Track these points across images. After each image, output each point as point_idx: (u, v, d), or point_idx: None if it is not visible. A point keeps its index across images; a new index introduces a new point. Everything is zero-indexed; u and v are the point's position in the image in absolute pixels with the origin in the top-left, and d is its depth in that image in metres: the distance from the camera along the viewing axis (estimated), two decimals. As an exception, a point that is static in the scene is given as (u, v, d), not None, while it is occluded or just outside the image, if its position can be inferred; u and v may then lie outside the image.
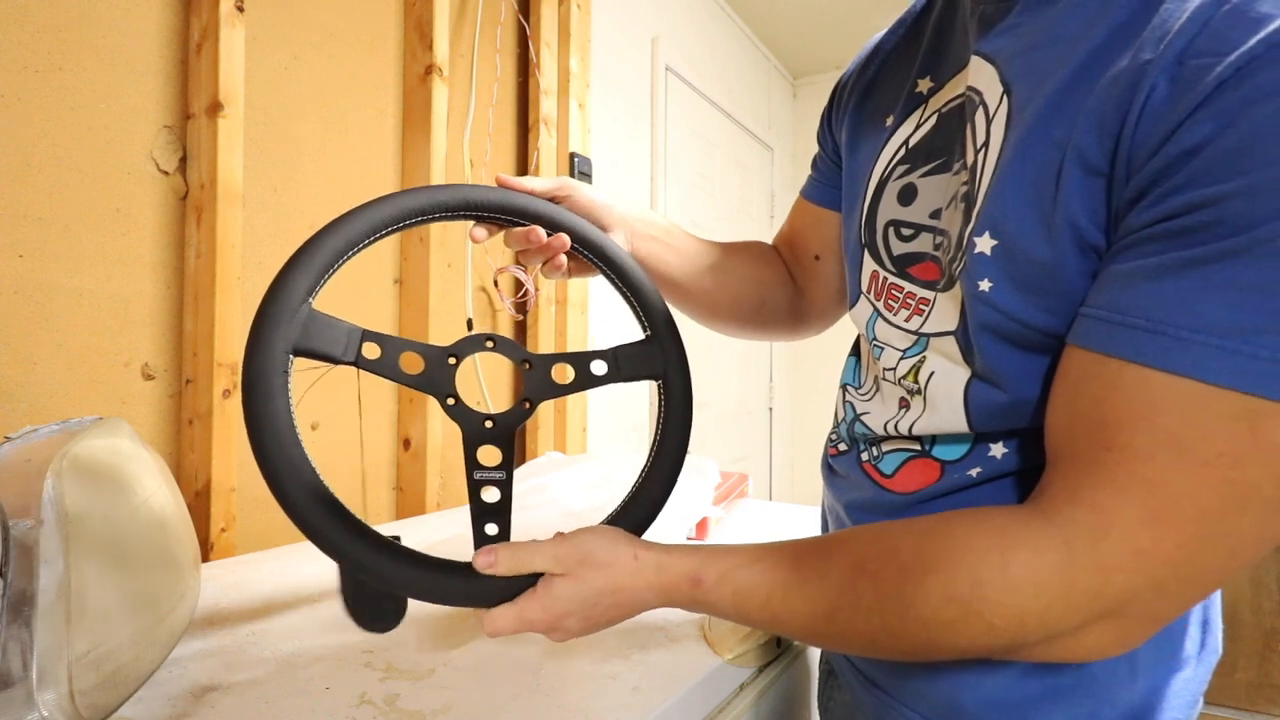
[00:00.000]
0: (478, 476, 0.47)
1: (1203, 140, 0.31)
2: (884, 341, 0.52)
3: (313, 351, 0.44)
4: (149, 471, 0.54)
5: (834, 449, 0.60)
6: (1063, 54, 0.39)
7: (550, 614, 0.43)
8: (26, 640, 0.40)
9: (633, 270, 0.58)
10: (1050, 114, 0.38)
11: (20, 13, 0.77)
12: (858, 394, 0.57)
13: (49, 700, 0.40)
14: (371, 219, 0.49)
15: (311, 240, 0.47)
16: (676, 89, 2.14)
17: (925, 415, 0.48)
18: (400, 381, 0.46)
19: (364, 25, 1.16)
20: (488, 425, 0.48)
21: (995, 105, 0.42)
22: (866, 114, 0.59)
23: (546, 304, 1.46)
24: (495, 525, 0.47)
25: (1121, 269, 0.34)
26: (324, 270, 0.46)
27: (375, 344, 0.46)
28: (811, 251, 0.71)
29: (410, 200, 0.50)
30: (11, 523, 0.42)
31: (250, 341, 0.43)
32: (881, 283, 0.53)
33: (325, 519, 0.41)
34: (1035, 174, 0.38)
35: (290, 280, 0.45)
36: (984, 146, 0.42)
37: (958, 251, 0.44)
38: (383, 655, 0.57)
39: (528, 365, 0.50)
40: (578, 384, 0.52)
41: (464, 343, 0.49)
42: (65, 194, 0.81)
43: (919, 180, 0.51)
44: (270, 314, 0.43)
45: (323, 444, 1.09)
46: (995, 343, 0.42)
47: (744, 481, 1.28)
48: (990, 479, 0.46)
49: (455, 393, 0.47)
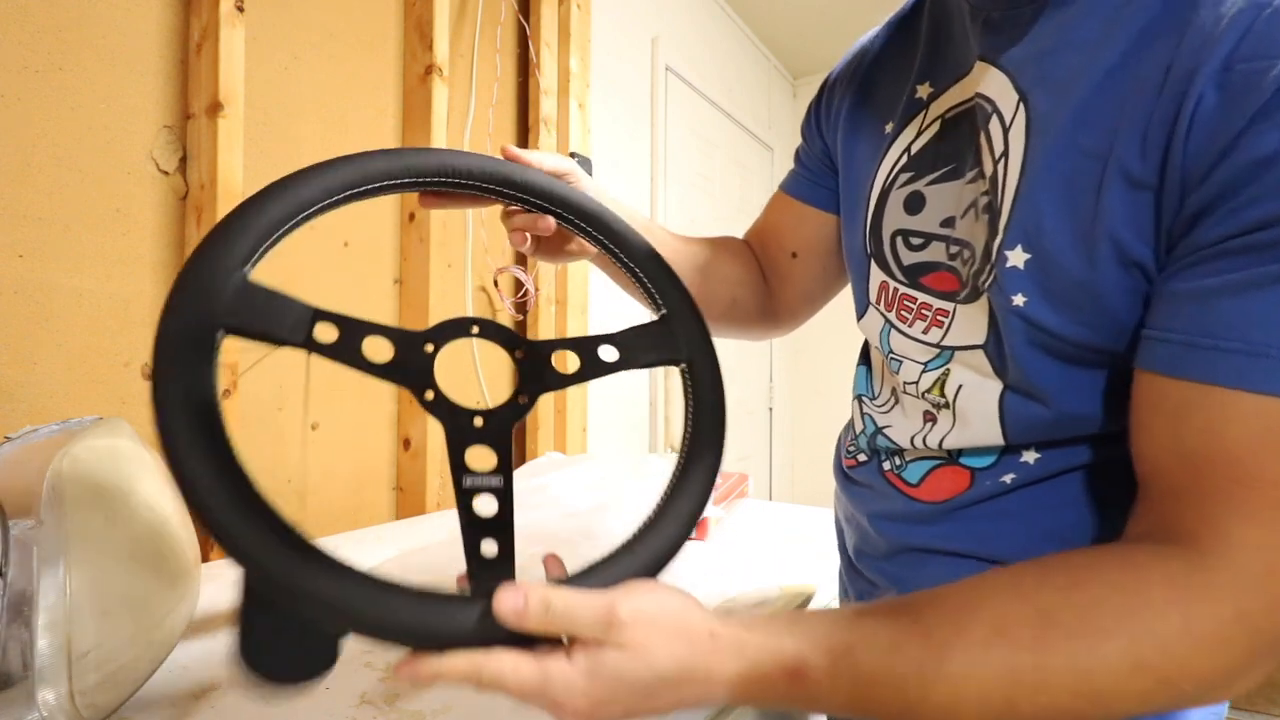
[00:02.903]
0: (468, 483, 0.38)
1: (1274, 150, 0.30)
2: (901, 354, 0.51)
3: (248, 329, 0.35)
4: (149, 471, 0.54)
5: (852, 460, 0.58)
6: (1082, 60, 0.38)
7: (590, 698, 0.32)
8: (26, 640, 0.40)
9: (639, 243, 0.51)
10: (1078, 124, 0.37)
11: (20, 13, 0.77)
12: (875, 406, 0.55)
13: (49, 700, 0.40)
14: (327, 182, 0.41)
15: (252, 200, 0.38)
16: (676, 89, 2.14)
17: (957, 429, 0.46)
18: (364, 370, 0.38)
19: (364, 25, 1.16)
20: (477, 423, 0.40)
21: (1011, 113, 0.41)
22: (862, 120, 0.57)
23: (546, 304, 1.46)
24: (494, 543, 0.37)
25: (1193, 287, 0.33)
26: (266, 235, 0.38)
27: (332, 324, 0.37)
28: (788, 249, 0.67)
29: (379, 163, 0.43)
30: (11, 523, 0.42)
31: (165, 311, 0.33)
32: (892, 294, 0.52)
33: (257, 533, 0.31)
34: (1068, 185, 0.37)
35: (222, 242, 0.36)
36: (1004, 155, 0.41)
37: (985, 264, 0.42)
38: (383, 655, 0.57)
39: (521, 353, 0.43)
40: (583, 373, 0.44)
41: (444, 327, 0.41)
42: (65, 194, 0.81)
43: (926, 188, 0.49)
44: (193, 280, 0.34)
45: (322, 444, 1.09)
46: (1036, 356, 0.41)
47: (744, 481, 1.28)
48: (1024, 485, 0.44)
49: (434, 384, 0.39)
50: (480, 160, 0.48)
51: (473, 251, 1.34)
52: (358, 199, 0.43)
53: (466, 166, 0.47)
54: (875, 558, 0.55)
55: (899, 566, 0.52)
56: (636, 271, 0.50)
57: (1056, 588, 0.33)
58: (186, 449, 0.31)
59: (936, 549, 0.49)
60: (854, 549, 0.58)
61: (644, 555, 0.39)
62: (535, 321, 1.45)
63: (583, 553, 0.83)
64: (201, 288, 0.34)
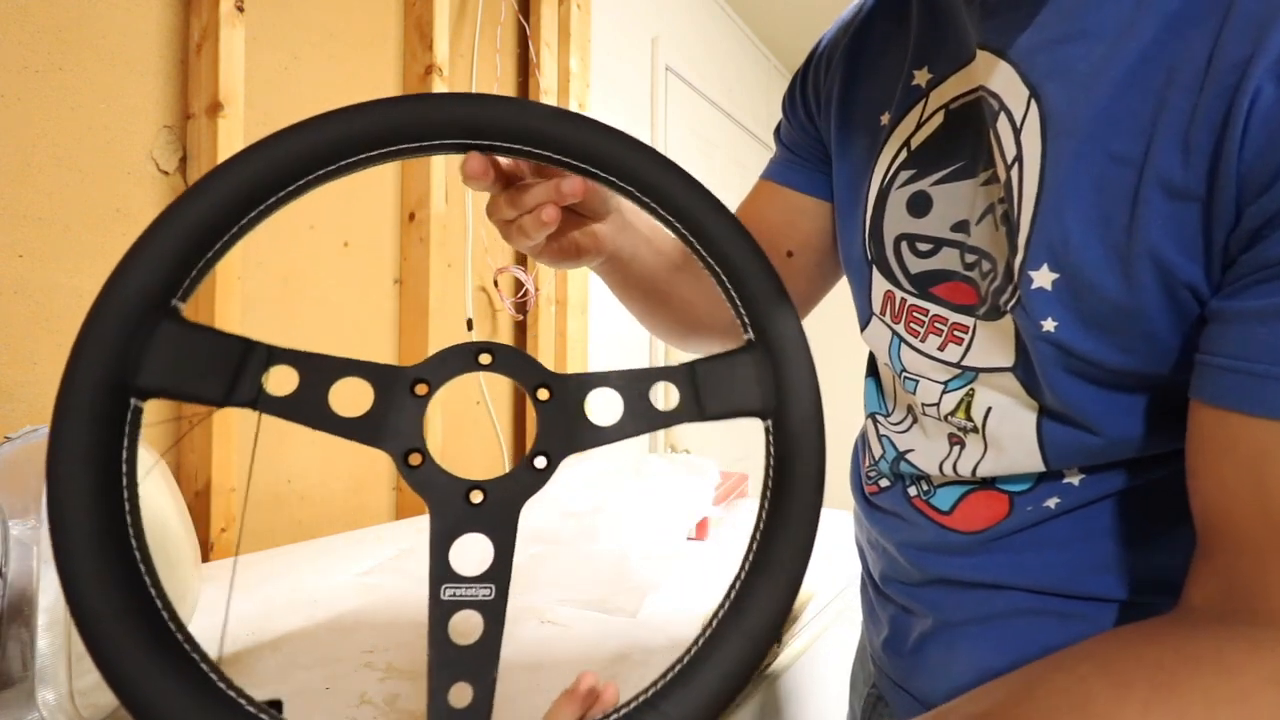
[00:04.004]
0: (448, 595, 0.27)
1: None
2: (917, 373, 0.46)
3: (176, 391, 0.26)
4: (149, 472, 0.54)
5: (874, 486, 0.53)
6: (1104, 52, 0.33)
7: None
8: (26, 640, 0.40)
9: (724, 220, 0.33)
10: (1103, 125, 0.33)
11: (20, 13, 0.77)
12: (892, 426, 0.50)
13: (49, 700, 0.40)
14: (274, 159, 0.29)
15: (177, 205, 0.27)
16: (676, 89, 2.14)
17: (991, 457, 0.42)
18: (331, 430, 0.28)
19: (364, 25, 1.16)
20: (475, 499, 0.29)
21: (1022, 112, 0.36)
22: (855, 108, 0.50)
23: (546, 304, 1.46)
24: (469, 688, 0.26)
25: (1265, 305, 0.29)
26: (196, 252, 0.27)
27: (291, 367, 0.28)
28: (782, 249, 0.58)
29: (339, 125, 0.31)
30: (11, 523, 0.42)
31: (65, 374, 0.25)
32: (900, 304, 0.46)
33: (167, 682, 0.23)
34: (1097, 196, 0.33)
35: (134, 269, 0.26)
36: (1017, 161, 0.36)
37: (1007, 283, 0.38)
38: (383, 655, 0.57)
39: (546, 393, 0.31)
40: (629, 425, 0.31)
41: (444, 359, 0.30)
42: (65, 194, 0.81)
43: (932, 188, 0.44)
44: (96, 328, 0.25)
45: (322, 444, 1.09)
46: (1074, 383, 0.37)
47: (744, 481, 1.28)
48: (1070, 510, 0.40)
49: (422, 445, 0.29)
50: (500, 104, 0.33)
51: (473, 251, 1.34)
52: (331, 179, 0.31)
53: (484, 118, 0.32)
54: (906, 584, 0.50)
55: (935, 593, 0.48)
56: (714, 266, 0.33)
57: (1141, 704, 0.27)
58: (83, 576, 0.23)
59: (975, 582, 0.45)
60: (880, 575, 0.54)
61: (710, 685, 0.28)
62: (535, 321, 1.45)
63: (583, 552, 0.84)
64: (106, 339, 0.25)
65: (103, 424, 0.25)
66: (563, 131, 0.33)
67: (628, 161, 0.34)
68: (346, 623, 0.65)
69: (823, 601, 0.82)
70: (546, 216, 0.41)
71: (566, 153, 0.33)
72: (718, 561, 0.91)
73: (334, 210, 1.11)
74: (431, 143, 0.32)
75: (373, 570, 0.82)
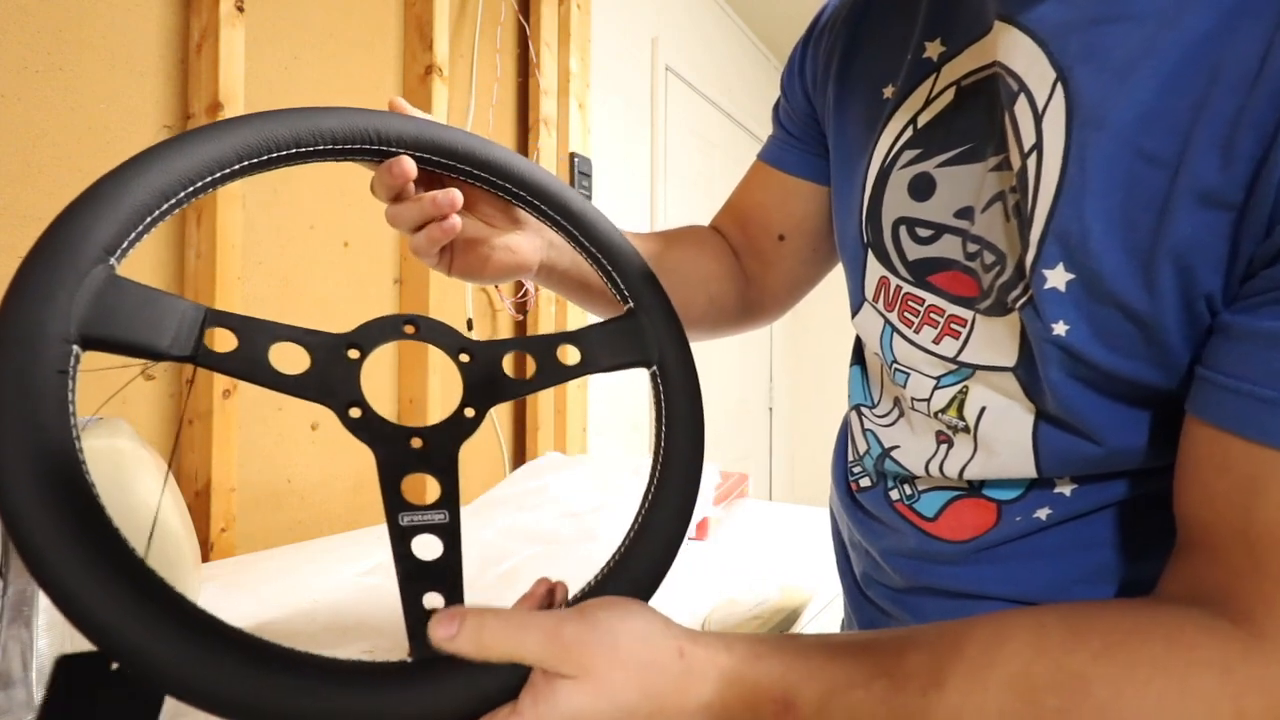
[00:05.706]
0: (405, 521, 0.32)
1: None
2: (908, 366, 0.44)
3: (114, 340, 0.28)
4: (149, 472, 0.54)
5: (856, 484, 0.51)
6: (1144, 39, 0.30)
7: None
8: (27, 640, 0.40)
9: (599, 223, 0.43)
10: (1138, 121, 0.30)
11: (20, 13, 0.77)
12: (877, 419, 0.48)
13: (49, 700, 0.40)
14: (217, 149, 0.32)
15: (121, 169, 0.29)
16: (676, 89, 2.14)
17: (980, 459, 0.40)
18: (272, 386, 0.31)
19: (364, 25, 1.16)
20: (415, 444, 0.33)
21: (1045, 96, 0.33)
22: (856, 79, 0.47)
23: (546, 303, 1.46)
24: (439, 596, 0.32)
25: (1275, 328, 0.27)
26: (136, 217, 0.29)
27: (228, 330, 0.30)
28: (774, 232, 0.57)
29: (276, 126, 0.34)
30: (11, 523, 0.42)
31: (2, 316, 0.25)
32: (894, 292, 0.44)
33: (149, 622, 0.25)
34: (1123, 196, 0.31)
35: (77, 225, 0.27)
36: (1035, 149, 0.34)
37: (1017, 280, 0.36)
38: (383, 655, 0.57)
39: (467, 357, 0.37)
40: (541, 379, 0.38)
41: (370, 328, 0.34)
42: (66, 194, 0.81)
43: (936, 170, 0.41)
44: (37, 277, 0.26)
45: (322, 444, 1.09)
46: (1079, 390, 0.35)
47: (744, 481, 1.28)
48: (1061, 521, 0.39)
49: (361, 399, 0.33)
50: (400, 121, 0.39)
51: (473, 251, 1.34)
52: (261, 168, 0.34)
53: (388, 131, 0.38)
54: (888, 588, 0.49)
55: (918, 600, 0.47)
56: (598, 257, 0.42)
57: (1091, 652, 0.28)
58: (33, 518, 0.24)
59: (959, 592, 0.43)
60: (861, 575, 0.52)
61: (625, 581, 0.35)
62: (535, 321, 1.45)
63: (583, 553, 0.84)
64: (48, 287, 0.26)
65: (46, 368, 0.25)
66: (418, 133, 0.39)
67: (511, 166, 0.41)
68: (346, 622, 0.65)
69: (822, 601, 0.82)
70: (421, 246, 0.43)
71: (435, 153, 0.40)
72: (718, 561, 0.91)
73: (334, 210, 1.11)
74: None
75: (373, 570, 0.82)
